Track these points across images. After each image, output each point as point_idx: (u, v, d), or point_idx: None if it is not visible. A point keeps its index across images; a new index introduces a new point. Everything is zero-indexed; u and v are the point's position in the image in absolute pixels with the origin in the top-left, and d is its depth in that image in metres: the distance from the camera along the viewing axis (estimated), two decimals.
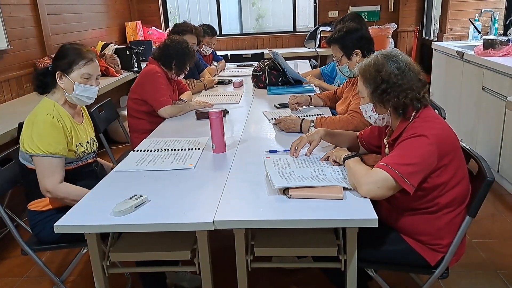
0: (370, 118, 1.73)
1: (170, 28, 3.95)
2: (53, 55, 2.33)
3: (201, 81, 3.74)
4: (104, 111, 3.01)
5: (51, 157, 1.86)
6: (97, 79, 2.03)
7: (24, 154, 1.90)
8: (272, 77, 3.53)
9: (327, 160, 1.86)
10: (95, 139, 2.18)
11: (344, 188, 1.57)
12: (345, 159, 1.71)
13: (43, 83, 2.00)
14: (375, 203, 1.52)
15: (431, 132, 1.52)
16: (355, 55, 2.52)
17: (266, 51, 5.53)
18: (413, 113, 1.60)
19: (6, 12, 3.49)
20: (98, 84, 2.04)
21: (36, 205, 1.96)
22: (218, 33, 4.96)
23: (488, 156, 3.37)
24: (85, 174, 2.05)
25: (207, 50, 4.40)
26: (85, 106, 2.15)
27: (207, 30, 4.25)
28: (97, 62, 2.03)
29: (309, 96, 2.89)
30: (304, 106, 2.85)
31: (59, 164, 1.89)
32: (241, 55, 5.54)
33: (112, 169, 2.31)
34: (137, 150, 2.16)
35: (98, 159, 2.25)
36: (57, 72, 1.93)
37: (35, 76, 2.02)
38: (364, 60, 1.71)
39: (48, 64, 2.03)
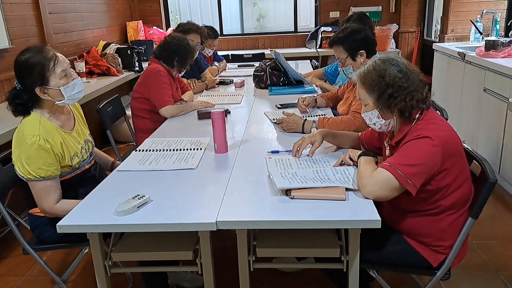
0: (375, 125, 1.71)
1: (173, 28, 3.94)
2: None
3: (203, 81, 3.74)
4: (112, 107, 3.04)
5: (44, 180, 1.79)
6: (70, 68, 1.88)
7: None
8: (273, 77, 3.53)
9: (341, 164, 1.81)
10: (90, 138, 2.10)
11: (347, 189, 1.57)
12: (360, 155, 1.71)
13: (23, 105, 1.83)
14: (378, 204, 1.52)
15: (436, 134, 1.52)
16: (359, 56, 2.47)
17: (267, 51, 5.53)
18: (417, 115, 1.60)
19: (7, 11, 3.49)
20: (74, 72, 1.90)
21: (38, 211, 1.91)
22: (219, 35, 4.95)
23: (489, 157, 3.36)
24: (84, 181, 1.99)
25: (209, 52, 4.41)
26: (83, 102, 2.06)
27: (210, 33, 4.24)
28: (59, 54, 1.86)
29: (314, 98, 2.84)
30: (311, 108, 2.83)
31: (53, 184, 1.82)
32: (242, 55, 5.55)
33: (113, 163, 2.31)
34: (139, 150, 2.16)
35: (96, 151, 2.19)
36: (36, 89, 1.79)
37: (11, 100, 1.84)
38: (362, 67, 1.69)
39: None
